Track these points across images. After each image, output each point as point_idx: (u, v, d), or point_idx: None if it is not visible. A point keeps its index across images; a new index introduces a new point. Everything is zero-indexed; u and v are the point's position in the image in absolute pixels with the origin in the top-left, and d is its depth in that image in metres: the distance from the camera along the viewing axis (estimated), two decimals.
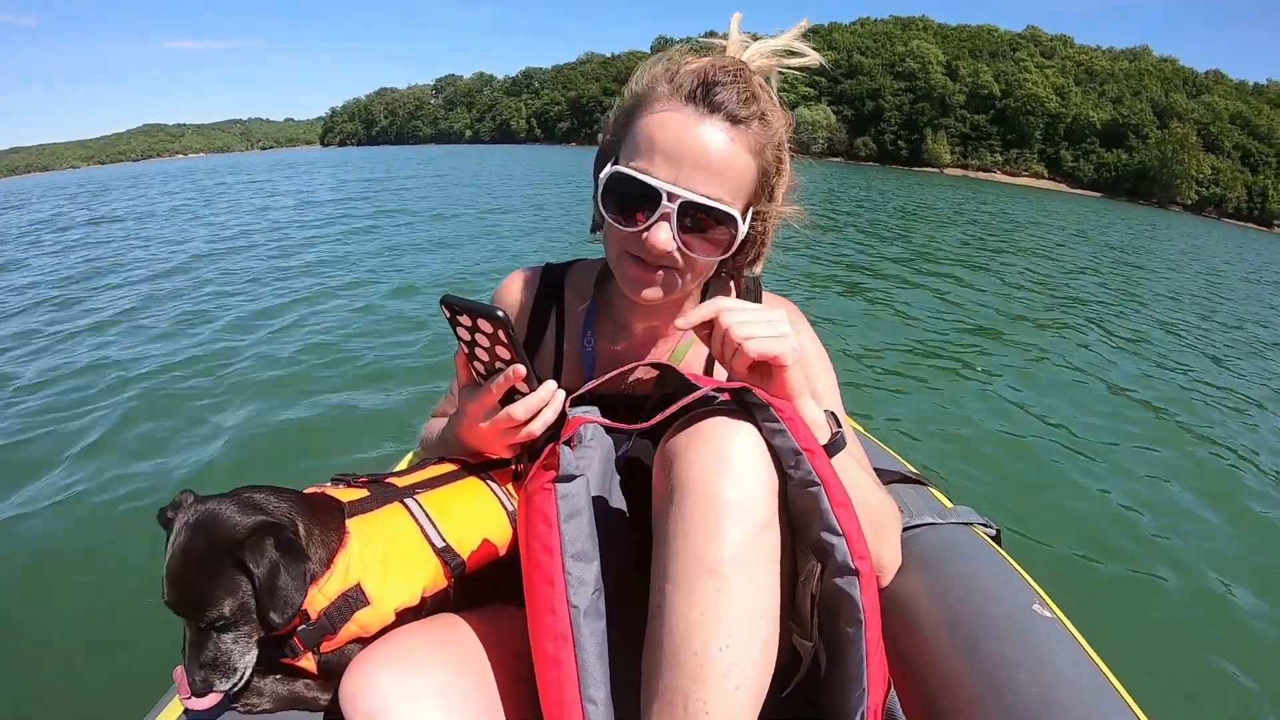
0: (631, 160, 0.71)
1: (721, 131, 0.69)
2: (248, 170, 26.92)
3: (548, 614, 0.60)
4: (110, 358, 3.68)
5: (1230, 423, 3.76)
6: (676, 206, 0.69)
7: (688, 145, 0.69)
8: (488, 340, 0.68)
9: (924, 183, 34.53)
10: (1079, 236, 14.68)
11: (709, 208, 0.70)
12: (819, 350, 0.90)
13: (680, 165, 0.69)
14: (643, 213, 0.71)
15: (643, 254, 0.73)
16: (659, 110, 0.71)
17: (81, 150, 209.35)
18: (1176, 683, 1.75)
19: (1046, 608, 0.76)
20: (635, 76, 0.75)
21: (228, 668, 0.63)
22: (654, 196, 0.69)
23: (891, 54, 76.85)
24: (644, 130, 0.71)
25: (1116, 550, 2.29)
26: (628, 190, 0.71)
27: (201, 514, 0.64)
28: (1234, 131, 65.18)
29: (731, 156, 0.70)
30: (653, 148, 0.70)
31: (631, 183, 0.70)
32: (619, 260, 0.77)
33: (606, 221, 0.75)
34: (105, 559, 1.97)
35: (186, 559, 0.62)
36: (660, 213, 0.70)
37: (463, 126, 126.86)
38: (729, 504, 0.58)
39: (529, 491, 0.64)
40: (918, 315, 5.29)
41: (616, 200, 0.73)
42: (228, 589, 0.61)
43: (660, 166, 0.69)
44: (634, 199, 0.71)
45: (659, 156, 0.69)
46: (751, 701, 0.57)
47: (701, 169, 0.69)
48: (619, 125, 0.76)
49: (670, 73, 0.72)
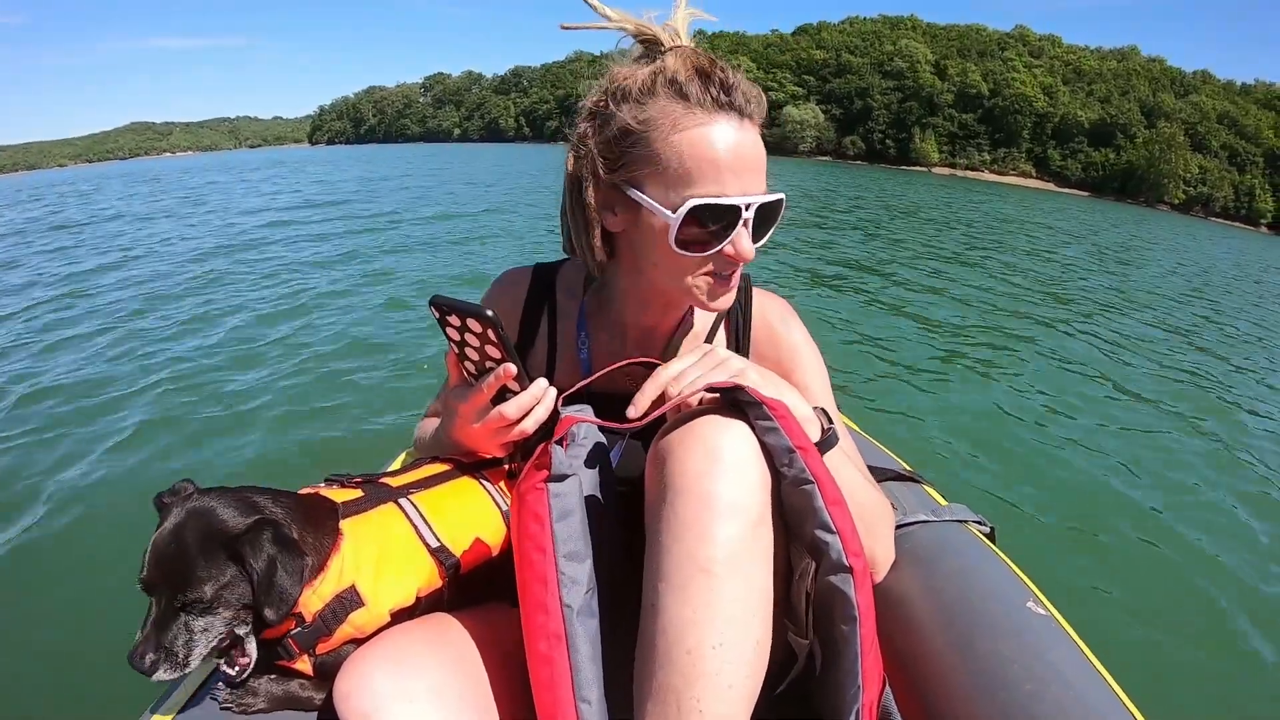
0: (694, 188, 0.69)
1: (754, 129, 0.71)
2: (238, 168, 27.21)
3: (541, 613, 0.60)
4: (102, 360, 3.63)
5: (1226, 421, 3.78)
6: (753, 214, 0.70)
7: (743, 154, 0.69)
8: (477, 340, 0.68)
9: (913, 181, 34.96)
10: (1070, 236, 14.80)
11: (777, 202, 0.73)
12: (811, 347, 0.90)
13: (742, 175, 0.69)
14: (720, 230, 0.70)
15: (726, 268, 0.73)
16: (691, 127, 0.68)
17: (69, 148, 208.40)
18: (1170, 679, 1.76)
19: (1041, 605, 0.76)
20: (612, 92, 0.72)
21: (177, 661, 0.61)
22: (735, 212, 0.69)
23: (880, 53, 76.63)
24: (688, 153, 0.68)
25: (1110, 548, 2.29)
26: (709, 219, 0.69)
27: (200, 504, 0.64)
28: (1221, 131, 65.02)
29: (762, 147, 0.72)
30: (715, 167, 0.68)
31: (714, 211, 0.69)
32: (694, 283, 0.74)
33: (681, 255, 0.72)
34: (97, 558, 1.97)
35: (178, 539, 0.62)
36: (741, 223, 0.70)
37: (451, 125, 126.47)
38: (721, 502, 0.58)
39: (521, 491, 0.65)
40: (912, 312, 5.31)
41: (698, 231, 0.70)
42: (212, 574, 0.61)
43: (729, 183, 0.68)
44: (714, 223, 0.70)
45: (725, 174, 0.68)
46: (745, 700, 0.57)
47: (757, 171, 0.71)
48: (621, 155, 0.72)
49: (672, 84, 0.69)
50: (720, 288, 0.75)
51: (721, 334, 0.90)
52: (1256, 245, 26.36)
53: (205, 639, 0.62)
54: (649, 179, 0.71)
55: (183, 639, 0.61)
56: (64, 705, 1.50)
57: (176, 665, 0.61)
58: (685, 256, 0.72)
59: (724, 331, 0.90)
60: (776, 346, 0.88)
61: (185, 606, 0.61)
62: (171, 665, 0.61)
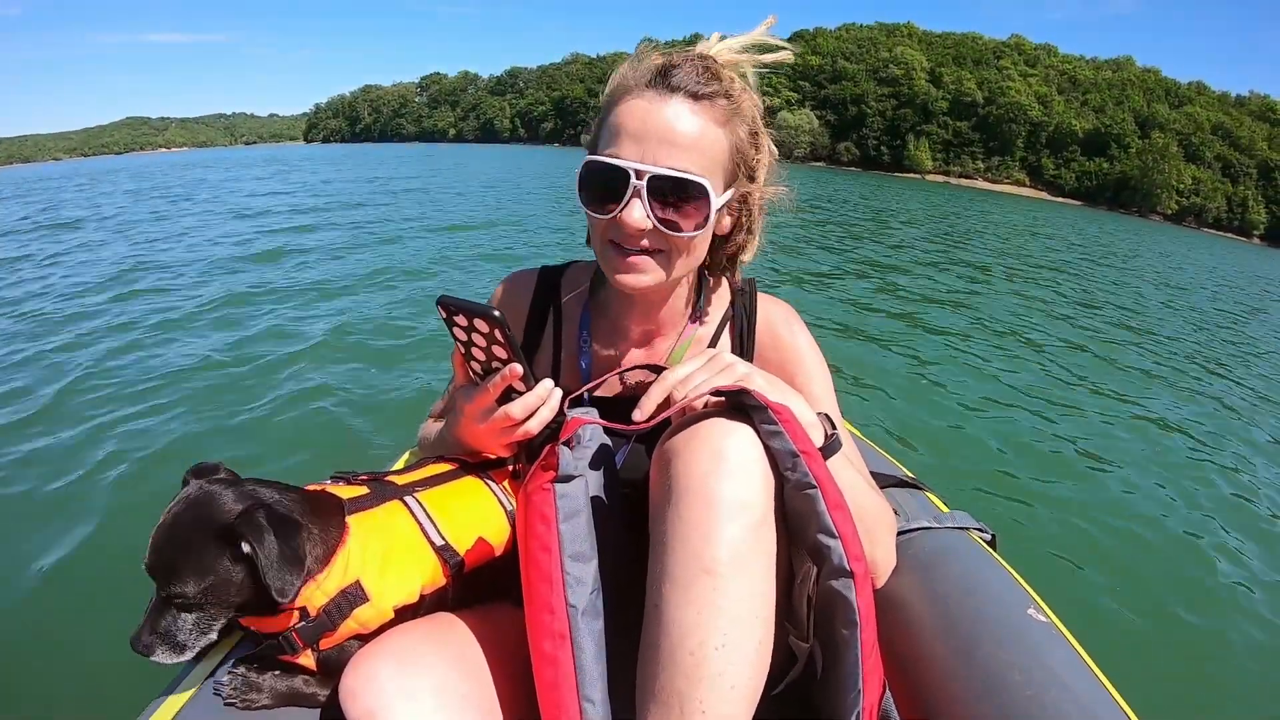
0: (601, 150, 0.72)
1: (684, 107, 0.70)
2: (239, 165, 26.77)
3: (545, 613, 0.61)
4: (111, 355, 3.56)
5: (1227, 429, 3.79)
6: (645, 183, 0.69)
7: (652, 124, 0.70)
8: (484, 340, 0.69)
9: (912, 188, 35.20)
10: (1071, 246, 14.89)
11: (677, 179, 0.70)
12: (815, 353, 0.90)
13: (645, 143, 0.69)
14: (616, 196, 0.71)
15: (620, 238, 0.73)
16: (626, 100, 0.72)
17: (64, 142, 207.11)
18: (1169, 686, 1.77)
19: (1041, 612, 0.76)
20: (609, 81, 0.77)
21: (175, 643, 0.63)
22: (622, 176, 0.70)
23: (876, 60, 76.72)
24: (612, 120, 0.72)
25: (1110, 557, 2.29)
26: (599, 176, 0.71)
27: (202, 494, 0.65)
28: (1215, 142, 65.25)
29: (697, 130, 0.70)
30: (619, 132, 0.71)
31: (600, 166, 0.71)
32: (603, 251, 0.77)
33: (586, 214, 0.75)
34: (99, 555, 1.95)
35: (173, 529, 0.63)
36: (631, 191, 0.70)
37: (447, 125, 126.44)
38: (726, 504, 0.58)
39: (528, 491, 0.65)
40: (915, 320, 5.28)
41: (591, 189, 0.73)
42: (198, 570, 0.62)
43: (626, 147, 0.70)
44: (606, 183, 0.71)
45: (625, 138, 0.70)
46: (747, 701, 0.57)
47: (667, 144, 0.70)
48: (595, 130, 0.77)
49: (635, 67, 0.73)
50: (619, 261, 0.75)
51: (726, 338, 0.90)
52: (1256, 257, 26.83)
53: (199, 629, 0.64)
54: (598, 146, 0.74)
55: (177, 627, 0.63)
56: (68, 697, 1.50)
57: (174, 649, 0.63)
58: (591, 216, 0.74)
59: (729, 336, 0.90)
60: (781, 351, 0.88)
61: (173, 598, 0.62)
62: (169, 649, 0.63)
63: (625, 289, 0.77)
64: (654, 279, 0.76)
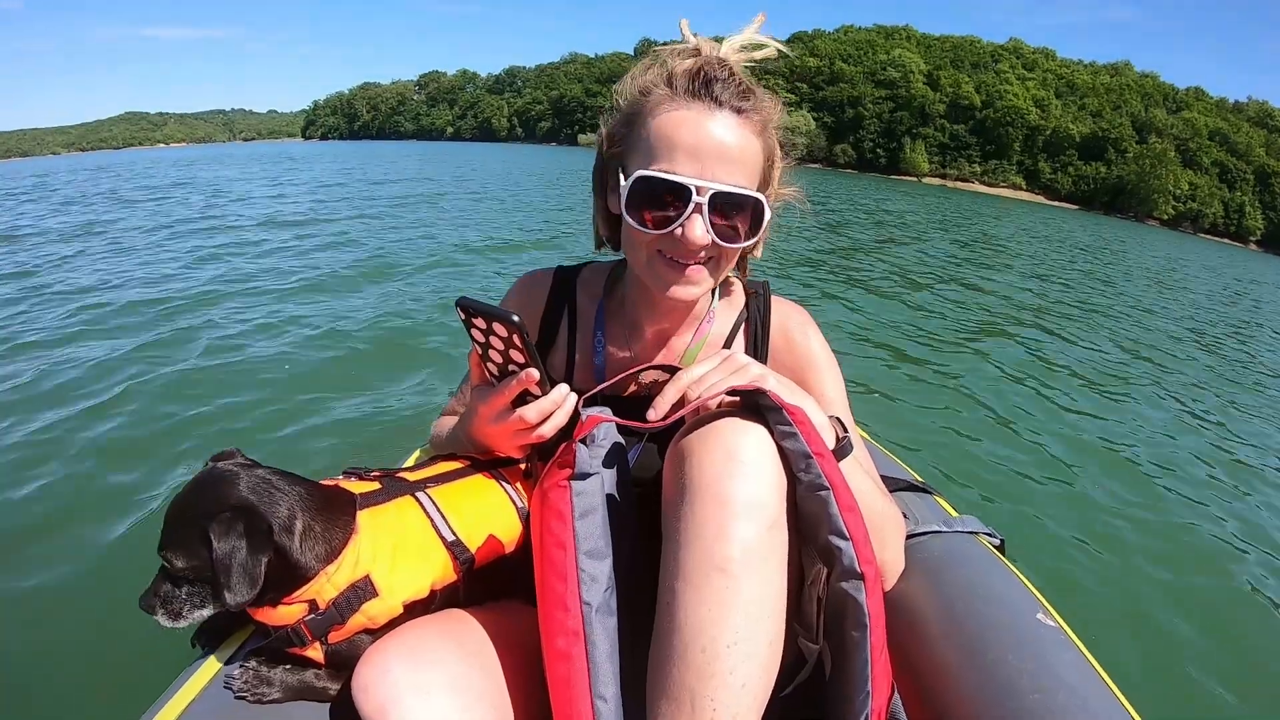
0: (651, 163, 0.71)
1: (731, 121, 0.71)
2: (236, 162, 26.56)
3: (560, 610, 0.61)
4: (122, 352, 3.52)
5: (1239, 433, 3.79)
6: (707, 199, 0.70)
7: (705, 139, 0.70)
8: (502, 344, 0.69)
9: (911, 192, 35.16)
10: (1080, 250, 15.06)
11: (738, 195, 0.71)
12: (828, 356, 0.90)
13: (702, 159, 0.70)
14: (672, 211, 0.71)
15: (677, 252, 0.74)
16: (665, 111, 0.72)
17: (62, 136, 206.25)
18: (1176, 693, 1.77)
19: (1050, 617, 0.76)
20: (625, 85, 0.77)
21: (171, 610, 0.66)
22: (684, 193, 0.70)
23: (873, 62, 76.38)
24: (655, 133, 0.71)
25: (1119, 564, 2.29)
26: (656, 191, 0.71)
27: (211, 478, 0.67)
28: (1213, 148, 65.05)
29: (744, 143, 0.72)
30: (672, 146, 0.70)
31: (659, 184, 0.70)
32: (650, 262, 0.76)
33: (631, 227, 0.74)
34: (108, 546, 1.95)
35: (173, 506, 0.66)
36: (693, 207, 0.70)
37: (444, 123, 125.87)
38: (739, 503, 0.58)
39: (544, 488, 0.65)
40: (925, 324, 5.30)
41: (644, 203, 0.72)
42: (183, 549, 0.64)
43: (683, 163, 0.70)
44: (662, 199, 0.71)
45: (680, 154, 0.70)
46: (758, 699, 0.57)
47: (723, 161, 0.70)
48: (619, 136, 0.76)
49: (665, 75, 0.73)
50: (672, 274, 0.75)
51: (740, 340, 0.90)
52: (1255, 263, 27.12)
53: (192, 602, 0.65)
54: (635, 158, 0.74)
55: (173, 595, 0.65)
56: (81, 690, 1.50)
57: (170, 615, 0.66)
58: (637, 230, 0.74)
59: (743, 337, 0.90)
60: (795, 354, 0.89)
61: (167, 568, 0.65)
62: (168, 615, 0.66)
63: (678, 301, 0.77)
64: (704, 289, 0.77)
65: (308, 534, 0.66)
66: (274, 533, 0.64)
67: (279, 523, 0.65)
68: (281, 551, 0.65)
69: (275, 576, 0.65)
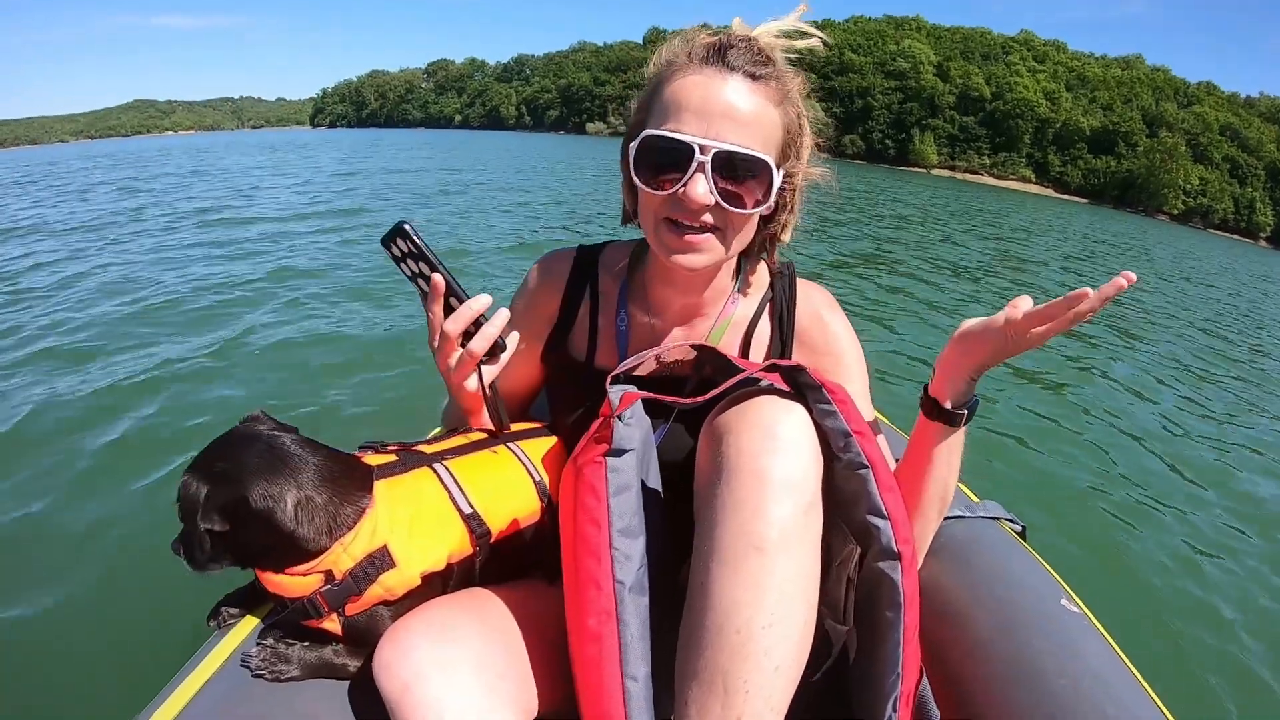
0: (661, 125, 0.71)
1: (743, 85, 0.70)
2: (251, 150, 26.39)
3: (592, 588, 0.59)
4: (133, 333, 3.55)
5: (1260, 420, 3.79)
6: (710, 158, 0.68)
7: (714, 100, 0.69)
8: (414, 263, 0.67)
9: (927, 183, 34.82)
10: (1099, 244, 15.14)
11: (743, 155, 0.69)
12: (853, 340, 0.90)
13: (709, 119, 0.69)
14: (677, 171, 0.70)
15: (680, 214, 0.72)
16: (680, 77, 0.71)
17: (71, 124, 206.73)
18: (1199, 679, 1.75)
19: (1074, 603, 0.76)
20: (652, 60, 0.77)
21: (191, 556, 0.65)
22: (687, 151, 0.68)
23: (883, 53, 76.00)
24: (669, 97, 0.71)
25: (1140, 550, 2.29)
26: (660, 151, 0.70)
27: (226, 443, 0.66)
28: (1223, 143, 64.62)
29: (757, 108, 0.70)
30: (680, 107, 0.70)
31: (663, 141, 0.70)
32: (656, 229, 0.75)
33: (640, 190, 0.74)
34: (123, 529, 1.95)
35: (194, 460, 0.65)
36: (695, 165, 0.68)
37: (453, 111, 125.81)
38: (777, 482, 0.57)
39: (579, 464, 0.64)
40: (944, 312, 5.29)
41: (649, 164, 0.71)
42: (188, 505, 0.63)
43: (689, 123, 0.69)
44: (667, 158, 0.70)
45: (687, 114, 0.69)
46: (790, 684, 0.56)
47: (730, 120, 0.69)
48: (643, 107, 0.76)
49: (686, 45, 0.73)
50: (674, 239, 0.73)
51: (765, 321, 0.89)
52: None
53: (206, 554, 0.64)
54: (648, 125, 0.73)
55: (192, 543, 0.65)
56: (97, 671, 1.49)
57: (190, 561, 0.66)
58: (645, 191, 0.73)
59: (768, 318, 0.89)
60: (820, 336, 0.88)
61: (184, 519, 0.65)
62: (191, 561, 0.66)
63: (681, 268, 0.75)
64: (710, 258, 0.75)
65: (315, 511, 0.64)
66: (249, 503, 0.62)
67: (260, 493, 0.62)
68: (263, 521, 0.62)
69: (265, 545, 0.64)
